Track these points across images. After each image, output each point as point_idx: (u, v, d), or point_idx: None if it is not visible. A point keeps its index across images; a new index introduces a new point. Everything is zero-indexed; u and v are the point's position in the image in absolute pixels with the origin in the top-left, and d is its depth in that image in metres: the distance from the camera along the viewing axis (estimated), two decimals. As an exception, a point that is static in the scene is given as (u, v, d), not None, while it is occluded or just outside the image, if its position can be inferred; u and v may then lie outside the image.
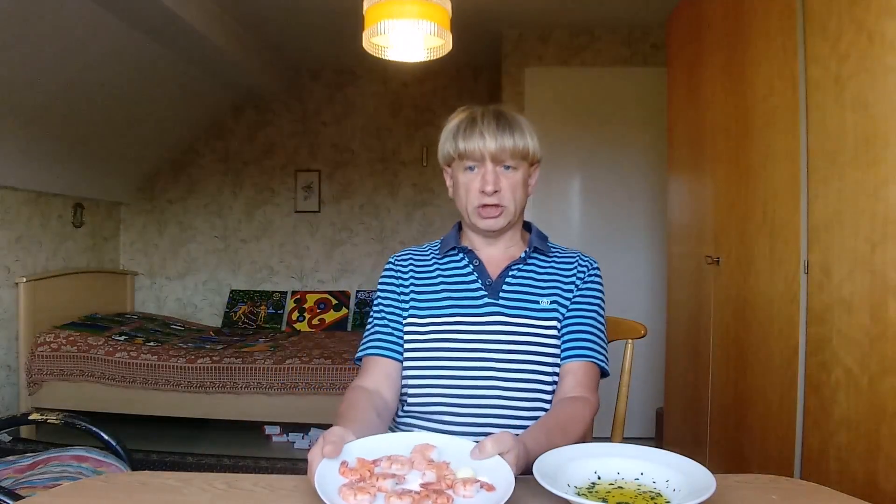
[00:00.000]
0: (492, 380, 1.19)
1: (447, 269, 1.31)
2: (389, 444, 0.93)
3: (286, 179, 4.77)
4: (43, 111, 3.33)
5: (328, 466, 0.85)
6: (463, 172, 1.25)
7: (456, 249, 1.31)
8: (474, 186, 1.23)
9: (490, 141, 1.21)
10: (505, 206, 1.24)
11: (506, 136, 1.21)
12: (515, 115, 1.26)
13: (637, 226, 3.75)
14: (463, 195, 1.26)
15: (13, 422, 2.29)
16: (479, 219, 1.25)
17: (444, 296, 1.26)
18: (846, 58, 1.49)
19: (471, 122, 1.24)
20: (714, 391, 2.29)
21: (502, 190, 1.23)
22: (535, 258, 1.30)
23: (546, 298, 1.25)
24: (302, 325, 4.51)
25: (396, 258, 1.36)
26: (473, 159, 1.23)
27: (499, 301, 1.24)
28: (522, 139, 1.23)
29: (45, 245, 3.81)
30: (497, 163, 1.22)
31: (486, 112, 1.25)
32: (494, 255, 1.30)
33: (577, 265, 1.30)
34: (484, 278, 1.27)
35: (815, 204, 1.64)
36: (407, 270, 1.33)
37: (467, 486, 0.82)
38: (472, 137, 1.22)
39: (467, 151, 1.22)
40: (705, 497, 0.78)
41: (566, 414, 1.15)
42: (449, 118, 1.30)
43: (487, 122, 1.22)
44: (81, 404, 3.39)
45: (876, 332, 1.37)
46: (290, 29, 3.83)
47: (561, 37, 3.78)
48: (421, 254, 1.37)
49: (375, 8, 1.59)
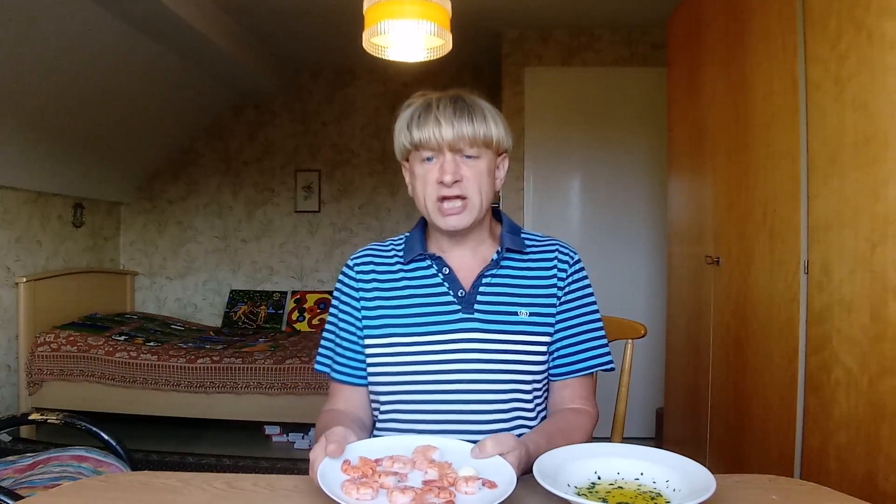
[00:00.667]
0: (468, 403, 1.10)
1: (414, 277, 1.18)
2: (391, 445, 0.94)
3: (286, 179, 4.77)
4: (43, 111, 3.33)
5: (330, 464, 0.85)
6: (420, 164, 1.13)
7: (422, 255, 1.19)
8: (432, 177, 1.11)
9: (447, 128, 1.08)
10: (468, 198, 1.11)
11: (464, 123, 1.09)
12: (476, 100, 1.14)
13: (637, 226, 3.75)
14: (421, 189, 1.13)
15: (13, 422, 2.28)
16: (440, 216, 1.12)
17: (415, 311, 1.15)
18: (846, 58, 1.49)
19: (426, 109, 1.12)
20: (714, 391, 2.29)
21: (464, 179, 1.10)
22: (509, 258, 1.18)
23: (525, 309, 1.14)
24: (302, 325, 4.51)
25: (356, 262, 1.23)
26: (430, 148, 1.10)
27: (473, 315, 1.13)
28: (484, 125, 1.10)
29: (45, 245, 3.81)
30: (456, 151, 1.10)
31: (443, 97, 1.13)
32: (465, 260, 1.18)
33: (556, 261, 1.19)
34: (456, 289, 1.15)
35: (815, 204, 1.64)
36: (370, 279, 1.20)
37: (469, 483, 0.82)
38: (427, 125, 1.09)
39: (422, 141, 1.10)
40: (705, 497, 0.78)
41: (567, 421, 1.12)
42: (402, 106, 1.17)
43: (443, 107, 1.10)
44: (81, 404, 3.39)
45: (876, 332, 1.37)
46: (290, 29, 3.83)
47: (561, 37, 3.78)
48: (383, 255, 1.23)
49: (375, 8, 1.59)
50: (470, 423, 1.11)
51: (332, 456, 0.86)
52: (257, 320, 4.57)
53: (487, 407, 1.11)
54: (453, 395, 1.11)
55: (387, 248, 1.25)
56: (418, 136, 1.10)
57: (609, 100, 3.75)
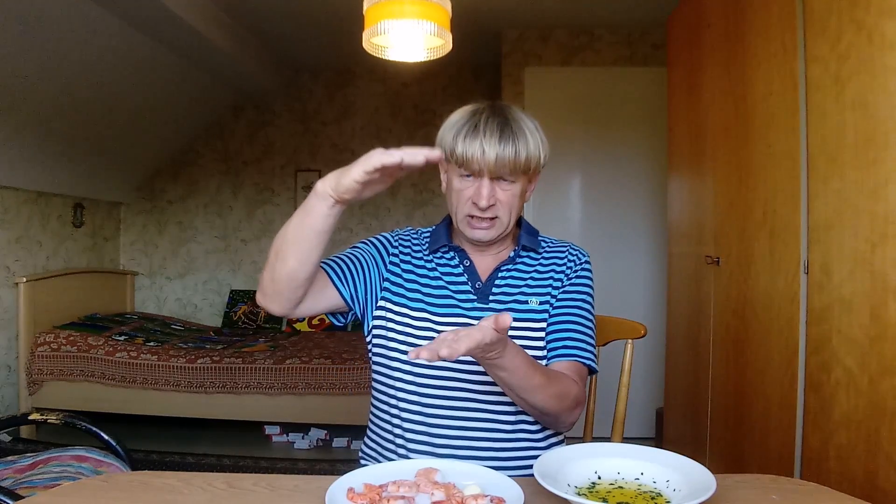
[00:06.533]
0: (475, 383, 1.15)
1: (439, 263, 1.25)
2: (393, 471, 0.95)
3: (286, 179, 4.77)
4: (43, 111, 3.33)
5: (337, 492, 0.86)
6: (458, 177, 1.16)
7: (447, 247, 1.25)
8: (466, 195, 1.15)
9: (490, 153, 1.10)
10: (499, 218, 1.16)
11: (508, 148, 1.10)
12: (522, 122, 1.15)
13: (637, 226, 3.75)
14: (455, 200, 1.18)
15: (13, 422, 2.28)
16: (468, 228, 1.18)
17: (439, 292, 1.21)
18: (846, 58, 1.49)
19: (473, 127, 1.12)
20: (714, 391, 2.29)
21: (497, 204, 1.15)
22: (525, 256, 1.25)
23: (536, 298, 1.20)
24: (302, 325, 4.51)
25: (396, 236, 1.30)
26: (470, 169, 1.13)
27: (488, 305, 1.19)
28: (525, 150, 1.12)
29: (45, 245, 3.81)
30: (494, 177, 1.13)
31: (492, 117, 1.13)
32: (485, 258, 1.25)
33: (567, 258, 1.25)
34: (474, 281, 1.22)
35: (815, 204, 1.64)
36: (406, 252, 1.27)
37: (478, 500, 0.83)
38: (473, 145, 1.11)
39: (465, 160, 1.12)
40: (705, 497, 0.78)
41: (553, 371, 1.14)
42: (455, 112, 1.19)
43: (490, 131, 1.11)
44: (81, 404, 3.39)
45: (876, 332, 1.37)
46: (290, 29, 3.83)
47: (561, 37, 3.78)
48: (415, 239, 1.30)
49: (375, 8, 1.59)
50: (474, 400, 1.15)
51: None
52: (257, 320, 4.57)
53: (493, 388, 1.14)
54: (460, 374, 1.15)
55: (417, 235, 1.32)
56: (462, 153, 1.12)
57: (609, 100, 3.75)
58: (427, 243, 1.28)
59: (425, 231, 1.32)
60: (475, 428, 1.14)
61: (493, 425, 1.15)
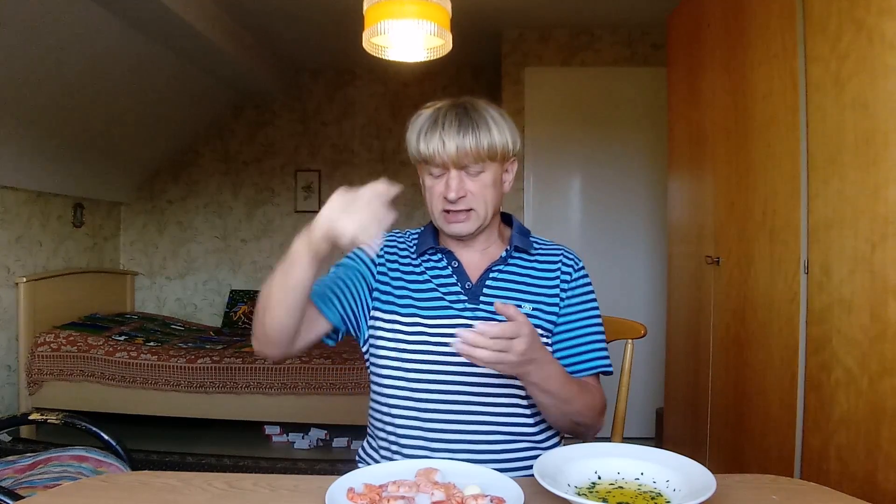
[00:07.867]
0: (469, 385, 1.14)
1: (427, 267, 1.23)
2: (392, 471, 0.95)
3: (286, 179, 4.77)
4: (43, 111, 3.33)
5: (337, 492, 0.86)
6: (428, 177, 1.17)
7: (434, 249, 1.24)
8: (438, 191, 1.15)
9: (450, 144, 1.10)
10: (474, 210, 1.15)
11: (468, 138, 1.10)
12: (483, 110, 1.15)
13: (637, 226, 3.75)
14: (429, 200, 1.18)
15: (13, 422, 2.29)
16: (445, 224, 1.18)
17: (429, 295, 1.19)
18: (846, 58, 1.49)
19: (432, 124, 1.13)
20: (714, 391, 2.29)
21: (468, 195, 1.14)
22: (516, 257, 1.23)
23: (528, 304, 1.18)
24: (302, 325, 4.50)
25: (385, 241, 1.26)
26: (435, 165, 1.13)
27: (479, 306, 1.17)
28: (488, 136, 1.12)
29: (45, 245, 3.81)
30: (461, 168, 1.13)
31: (449, 110, 1.14)
32: (473, 258, 1.23)
33: (560, 264, 1.23)
34: (463, 281, 1.20)
35: (815, 204, 1.64)
36: (393, 259, 1.25)
37: (478, 500, 0.83)
38: (433, 140, 1.11)
39: (428, 157, 1.13)
40: (705, 497, 0.78)
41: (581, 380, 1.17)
42: (414, 115, 1.18)
43: (448, 122, 1.12)
44: (81, 404, 3.38)
45: (876, 332, 1.37)
46: (290, 29, 3.83)
47: (561, 37, 3.78)
48: (404, 242, 1.28)
49: (375, 8, 1.59)
50: (470, 403, 1.14)
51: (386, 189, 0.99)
52: (257, 320, 4.57)
53: (489, 389, 1.14)
54: (455, 376, 1.14)
55: (404, 236, 1.30)
56: (425, 151, 1.13)
57: (609, 100, 3.74)
58: (415, 245, 1.27)
59: (413, 232, 1.31)
60: (473, 431, 1.14)
61: (492, 427, 1.15)
